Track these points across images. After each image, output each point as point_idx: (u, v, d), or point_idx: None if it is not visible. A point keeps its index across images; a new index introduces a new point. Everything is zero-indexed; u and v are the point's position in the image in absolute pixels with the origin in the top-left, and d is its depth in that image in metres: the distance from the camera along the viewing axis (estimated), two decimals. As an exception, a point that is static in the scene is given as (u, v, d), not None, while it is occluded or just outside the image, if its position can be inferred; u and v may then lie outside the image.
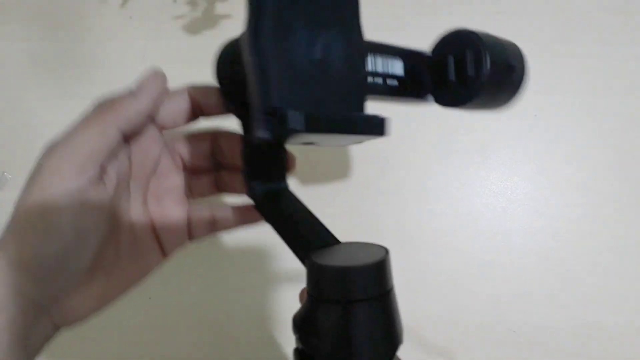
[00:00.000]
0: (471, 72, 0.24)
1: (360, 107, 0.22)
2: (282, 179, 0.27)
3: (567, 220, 0.45)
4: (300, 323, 0.23)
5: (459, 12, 0.47)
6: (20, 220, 0.23)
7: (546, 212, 0.45)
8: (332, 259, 0.23)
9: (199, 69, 0.48)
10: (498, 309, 0.44)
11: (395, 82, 0.25)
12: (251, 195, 0.27)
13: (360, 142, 0.23)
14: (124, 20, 0.48)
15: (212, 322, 0.44)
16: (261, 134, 0.19)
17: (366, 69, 0.24)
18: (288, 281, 0.43)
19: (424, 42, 0.28)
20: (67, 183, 0.22)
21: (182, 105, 0.28)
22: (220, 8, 0.47)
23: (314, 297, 0.23)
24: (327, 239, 0.26)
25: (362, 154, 0.46)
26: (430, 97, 0.26)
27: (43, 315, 0.23)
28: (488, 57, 0.23)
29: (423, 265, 0.44)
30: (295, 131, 0.19)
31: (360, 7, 0.22)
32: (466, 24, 0.48)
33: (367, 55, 0.24)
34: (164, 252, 0.27)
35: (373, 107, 0.24)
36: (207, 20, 0.47)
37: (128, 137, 0.26)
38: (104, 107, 0.25)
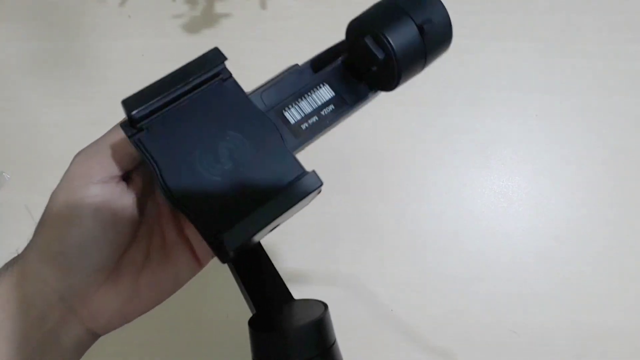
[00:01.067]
0: (381, 55, 0.23)
1: (298, 170, 0.22)
2: (287, 298, 0.28)
3: (568, 220, 0.44)
4: None
5: (459, 11, 0.47)
6: (49, 213, 0.24)
7: (547, 212, 0.45)
8: (271, 323, 0.24)
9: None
10: (498, 309, 0.44)
11: (331, 107, 0.24)
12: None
13: (304, 205, 0.23)
14: (123, 19, 0.48)
15: (210, 323, 0.44)
16: (223, 260, 0.21)
17: (290, 126, 0.24)
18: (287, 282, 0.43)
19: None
20: (92, 178, 0.23)
21: None
22: (219, 7, 0.47)
23: None
24: (281, 297, 0.27)
25: (362, 154, 0.46)
26: (372, 92, 0.25)
27: (71, 315, 0.24)
28: (387, 34, 0.22)
29: (423, 265, 0.44)
30: (230, 252, 0.19)
31: (244, 94, 0.22)
32: (465, 23, 0.48)
33: (280, 118, 0.24)
34: (199, 261, 0.27)
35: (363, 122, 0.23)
36: (206, 19, 0.47)
37: None
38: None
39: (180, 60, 0.54)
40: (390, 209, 0.45)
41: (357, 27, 0.24)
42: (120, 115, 0.22)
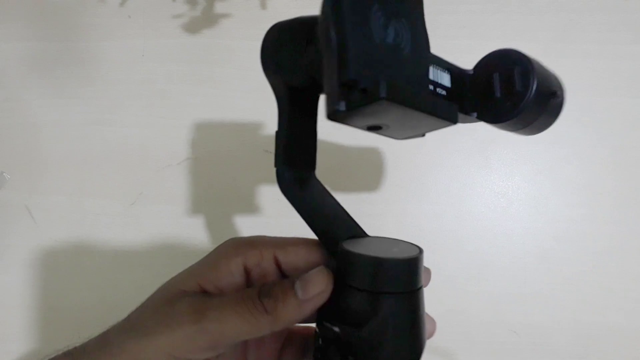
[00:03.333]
0: (519, 87, 0.25)
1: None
2: (311, 168, 0.27)
3: (568, 220, 0.44)
4: (333, 312, 0.24)
5: (460, 11, 0.47)
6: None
7: (547, 212, 0.45)
8: (367, 249, 0.24)
9: (198, 68, 0.48)
10: (499, 309, 0.44)
11: (444, 92, 0.25)
12: (279, 179, 0.27)
13: (424, 132, 0.23)
14: (123, 19, 0.48)
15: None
16: (336, 106, 0.19)
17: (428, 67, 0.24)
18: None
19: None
20: (193, 354, 0.23)
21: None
22: (219, 7, 0.47)
23: (344, 286, 0.23)
24: (356, 230, 0.27)
25: (362, 154, 0.46)
26: (473, 114, 0.27)
27: None
28: (535, 75, 0.25)
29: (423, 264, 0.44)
30: (377, 99, 0.18)
31: (423, 7, 0.22)
32: (466, 23, 0.48)
33: (429, 59, 0.24)
34: None
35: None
36: (206, 19, 0.47)
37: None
38: (267, 306, 0.23)
39: (181, 60, 0.54)
40: (390, 209, 0.45)
41: (514, 54, 0.26)
42: (120, 115, 0.22)
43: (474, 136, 0.46)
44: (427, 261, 0.45)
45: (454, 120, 0.21)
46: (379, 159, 0.46)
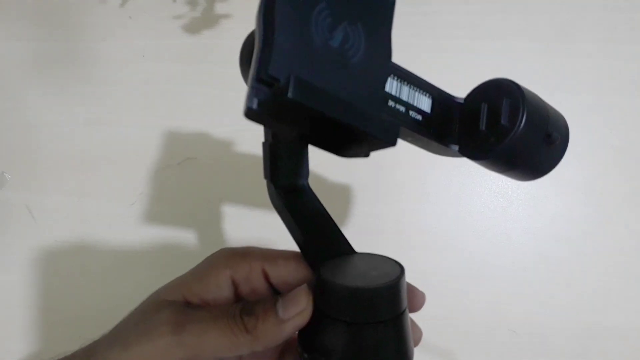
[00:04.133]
0: (505, 121, 0.22)
1: (380, 108, 0.21)
2: (301, 177, 0.26)
3: (568, 220, 0.44)
4: (307, 339, 0.23)
5: (460, 11, 0.47)
6: None
7: (547, 212, 0.45)
8: (343, 274, 0.22)
9: (198, 68, 0.48)
10: (498, 309, 0.44)
11: (419, 117, 0.23)
12: (270, 190, 0.26)
13: (364, 151, 0.21)
14: (124, 19, 0.48)
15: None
16: (249, 103, 0.17)
17: (385, 89, 0.22)
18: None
19: (416, 39, 0.28)
20: None
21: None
22: (219, 8, 0.47)
23: (321, 313, 0.22)
24: (340, 247, 0.25)
25: (362, 154, 0.46)
26: (454, 147, 0.24)
27: None
28: (526, 110, 0.22)
29: (423, 265, 0.44)
30: (283, 98, 0.16)
31: (392, 18, 0.20)
32: (465, 23, 0.48)
33: (389, 75, 0.22)
34: None
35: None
36: (207, 20, 0.47)
37: None
38: (247, 324, 0.23)
39: (181, 60, 0.54)
40: (389, 209, 0.45)
41: (505, 84, 0.23)
42: (121, 115, 0.22)
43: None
44: (428, 261, 0.45)
45: (388, 141, 0.19)
46: (379, 159, 0.46)
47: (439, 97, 0.24)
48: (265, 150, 0.25)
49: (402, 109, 0.23)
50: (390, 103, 0.23)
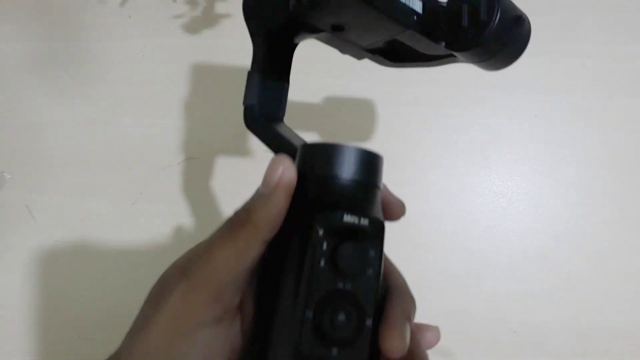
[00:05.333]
0: (484, 16, 0.26)
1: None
2: (281, 114, 0.28)
3: (568, 220, 0.44)
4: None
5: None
6: (143, 353, 0.21)
7: (547, 212, 0.45)
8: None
9: (198, 68, 0.48)
10: (498, 309, 0.44)
11: (414, 17, 0.26)
12: (247, 114, 0.27)
13: (384, 38, 0.25)
14: (123, 19, 0.48)
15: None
16: None
17: None
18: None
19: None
20: (200, 314, 0.20)
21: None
22: (219, 7, 0.47)
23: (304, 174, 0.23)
24: None
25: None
26: (442, 43, 0.28)
27: None
28: (499, 4, 0.26)
29: (423, 265, 0.44)
30: None
31: None
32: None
33: None
34: None
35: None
36: (207, 19, 0.47)
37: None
38: (240, 218, 0.22)
39: (181, 60, 0.54)
40: (390, 209, 0.45)
41: None
42: (121, 115, 0.22)
43: (473, 136, 0.46)
44: (428, 261, 0.45)
45: (407, 24, 0.23)
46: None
47: (427, 1, 0.28)
48: (253, 76, 0.27)
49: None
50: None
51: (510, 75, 0.47)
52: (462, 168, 0.45)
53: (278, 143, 0.26)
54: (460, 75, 0.47)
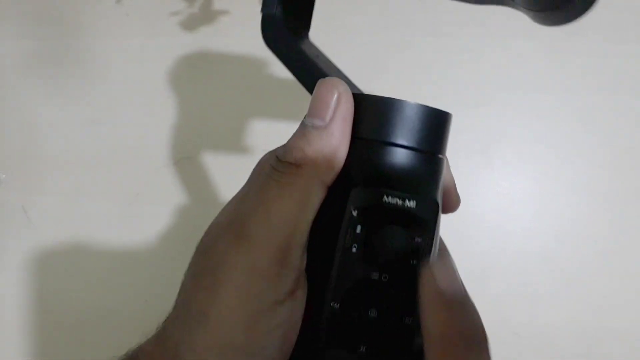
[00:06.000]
0: None
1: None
2: (306, 27, 0.23)
3: (571, 221, 0.44)
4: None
5: (463, 8, 0.46)
6: (210, 347, 0.17)
7: (549, 212, 0.44)
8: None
9: (196, 66, 0.48)
10: (501, 310, 0.43)
11: None
12: (265, 24, 0.22)
13: None
14: (120, 17, 0.47)
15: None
16: None
17: None
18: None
19: (417, 37, 0.27)
20: (272, 287, 0.17)
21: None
22: (217, 4, 0.47)
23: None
24: (355, 90, 0.21)
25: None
26: None
27: None
28: None
29: (424, 266, 0.44)
30: None
31: None
32: (469, 21, 0.48)
33: None
34: None
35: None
36: (204, 16, 0.47)
37: None
38: (294, 158, 0.17)
39: (178, 58, 0.53)
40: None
41: None
42: (117, 114, 0.21)
43: (476, 136, 0.46)
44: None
45: None
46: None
47: None
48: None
49: None
50: None
51: (514, 75, 0.47)
52: (464, 168, 0.45)
53: (305, 65, 0.21)
54: (463, 75, 0.47)
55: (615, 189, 0.44)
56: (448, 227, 0.44)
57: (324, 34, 0.46)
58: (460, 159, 0.45)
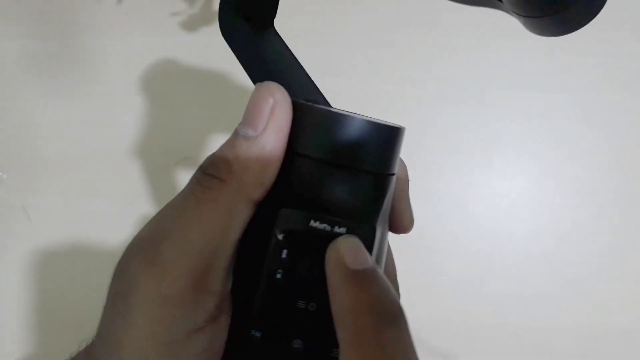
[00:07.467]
0: None
1: None
2: (270, 18, 0.20)
3: (572, 221, 0.44)
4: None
5: (462, 9, 0.46)
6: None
7: (550, 213, 0.44)
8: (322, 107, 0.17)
9: (196, 66, 0.47)
10: (501, 311, 0.43)
11: None
12: (221, 15, 0.20)
13: None
14: (120, 17, 0.47)
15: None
16: None
17: None
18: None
19: (417, 36, 0.27)
20: (187, 315, 0.15)
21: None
22: (217, 5, 0.47)
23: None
24: (315, 96, 0.20)
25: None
26: None
27: None
28: None
29: (426, 266, 0.44)
30: None
31: None
32: (468, 21, 0.48)
33: None
34: None
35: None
36: (205, 17, 0.47)
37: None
38: (218, 171, 0.16)
39: (179, 58, 0.53)
40: (391, 210, 0.44)
41: None
42: (117, 114, 0.21)
43: (476, 136, 0.46)
44: (430, 262, 0.45)
45: None
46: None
47: None
48: None
49: None
50: None
51: (514, 74, 0.47)
52: (465, 168, 0.45)
53: (257, 64, 0.19)
54: (463, 74, 0.47)
55: (617, 189, 0.44)
56: (448, 227, 0.44)
57: (322, 32, 0.46)
58: (460, 159, 0.45)
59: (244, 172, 0.16)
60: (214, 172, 0.16)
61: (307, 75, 0.20)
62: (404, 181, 0.19)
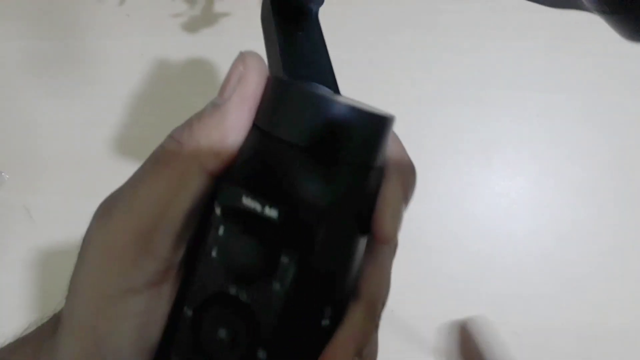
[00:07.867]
0: None
1: None
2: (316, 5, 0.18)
3: (571, 221, 0.44)
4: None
5: (461, 10, 0.46)
6: (69, 330, 0.16)
7: (550, 213, 0.44)
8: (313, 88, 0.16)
9: (197, 67, 0.48)
10: (501, 310, 0.43)
11: None
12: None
13: None
14: (121, 18, 0.47)
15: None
16: None
17: None
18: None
19: (416, 36, 0.27)
20: (126, 272, 0.15)
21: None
22: (218, 6, 0.47)
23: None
24: (327, 81, 0.18)
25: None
26: None
27: None
28: None
29: (425, 266, 0.44)
30: None
31: None
32: (467, 21, 0.48)
33: None
34: None
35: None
36: (206, 18, 0.47)
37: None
38: (178, 137, 0.17)
39: (180, 59, 0.54)
40: (391, 210, 0.44)
41: None
42: (119, 114, 0.21)
43: (475, 136, 0.46)
44: (429, 262, 0.45)
45: None
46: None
47: None
48: None
49: None
50: None
51: (514, 74, 0.47)
52: (464, 168, 0.45)
53: (296, 49, 0.18)
54: (462, 74, 0.47)
55: (617, 189, 0.44)
56: (448, 227, 0.44)
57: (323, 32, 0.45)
58: (459, 159, 0.45)
59: (202, 139, 0.16)
60: (177, 136, 0.17)
61: (333, 76, 0.20)
62: (395, 184, 0.17)
